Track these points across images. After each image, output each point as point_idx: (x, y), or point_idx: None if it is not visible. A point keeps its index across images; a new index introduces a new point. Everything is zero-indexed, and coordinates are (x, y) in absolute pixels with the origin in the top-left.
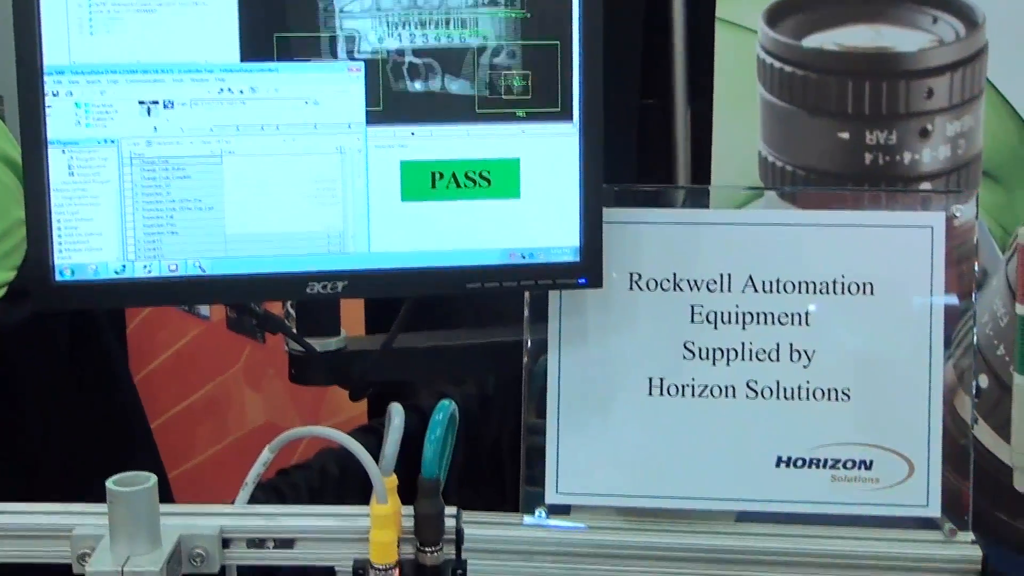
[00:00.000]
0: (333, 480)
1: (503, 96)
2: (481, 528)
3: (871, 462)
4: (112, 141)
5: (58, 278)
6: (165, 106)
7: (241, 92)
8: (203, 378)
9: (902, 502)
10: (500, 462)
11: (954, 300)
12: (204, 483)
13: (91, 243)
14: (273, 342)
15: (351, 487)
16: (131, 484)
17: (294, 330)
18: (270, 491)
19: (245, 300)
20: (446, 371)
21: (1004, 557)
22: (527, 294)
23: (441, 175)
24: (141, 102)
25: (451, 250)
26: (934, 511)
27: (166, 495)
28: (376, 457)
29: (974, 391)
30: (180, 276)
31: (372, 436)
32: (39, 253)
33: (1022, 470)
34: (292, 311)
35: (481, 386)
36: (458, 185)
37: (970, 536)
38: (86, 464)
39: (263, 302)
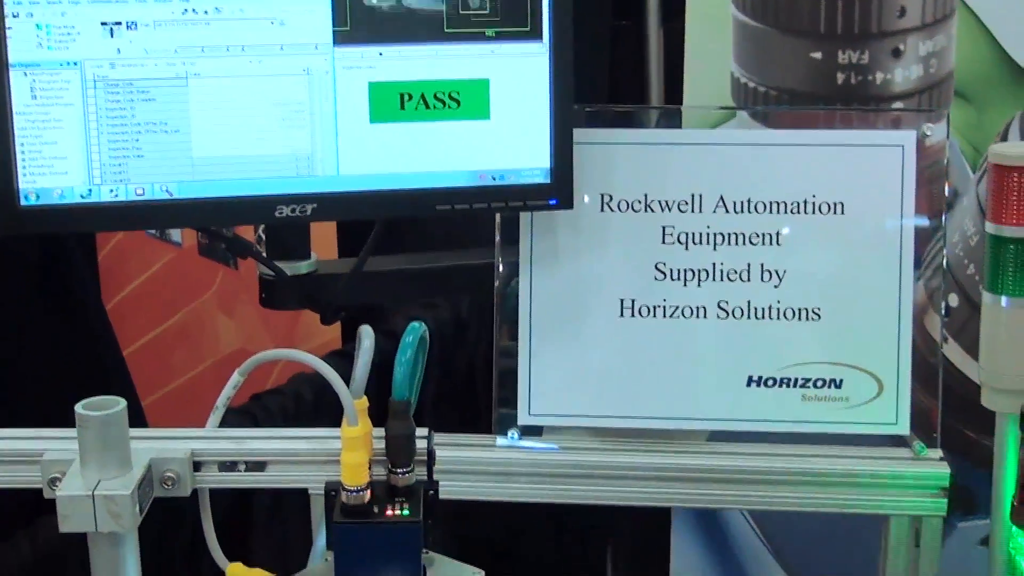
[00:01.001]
0: (307, 405)
1: (472, 15)
2: (453, 450)
3: (841, 381)
4: (75, 63)
5: (23, 203)
6: (128, 27)
7: (206, 12)
8: (176, 305)
9: (872, 420)
10: (473, 385)
11: (924, 220)
12: (178, 409)
13: (56, 167)
14: (246, 268)
15: (325, 412)
16: (100, 408)
17: (264, 254)
18: (243, 416)
19: (213, 224)
20: (417, 294)
21: (972, 473)
22: (498, 216)
23: (410, 96)
24: (104, 23)
25: (421, 172)
26: (903, 429)
27: (139, 422)
28: (348, 380)
29: (944, 310)
30: (147, 200)
31: (345, 360)
32: (3, 178)
33: (990, 387)
34: (263, 235)
35: (454, 310)
36: (427, 106)
37: (938, 453)
38: (58, 393)
39: (232, 226)
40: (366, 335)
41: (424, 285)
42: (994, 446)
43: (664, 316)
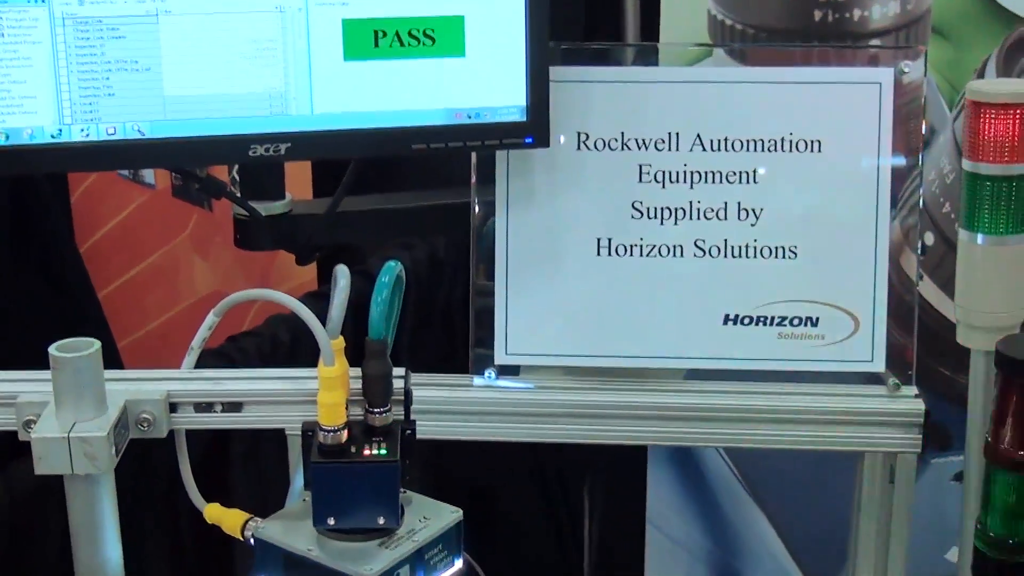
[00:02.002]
0: (283, 347)
1: None
2: (431, 390)
3: (817, 319)
4: (42, 1)
5: None
6: None
7: None
8: (150, 247)
9: (847, 357)
10: (450, 326)
11: (901, 158)
12: (154, 352)
13: (25, 107)
14: (220, 209)
15: (302, 354)
16: (74, 350)
17: (238, 194)
18: (220, 358)
19: (186, 164)
20: (393, 234)
21: (946, 410)
22: (473, 155)
23: (384, 33)
24: None
25: (395, 110)
26: (879, 366)
27: (115, 364)
28: (324, 321)
29: (919, 248)
30: (119, 139)
31: (321, 302)
32: None
33: (966, 324)
34: (237, 176)
35: (430, 250)
36: (401, 44)
37: (914, 390)
38: (31, 336)
39: (205, 166)
40: (342, 275)
41: (400, 225)
42: (969, 383)
43: (641, 255)
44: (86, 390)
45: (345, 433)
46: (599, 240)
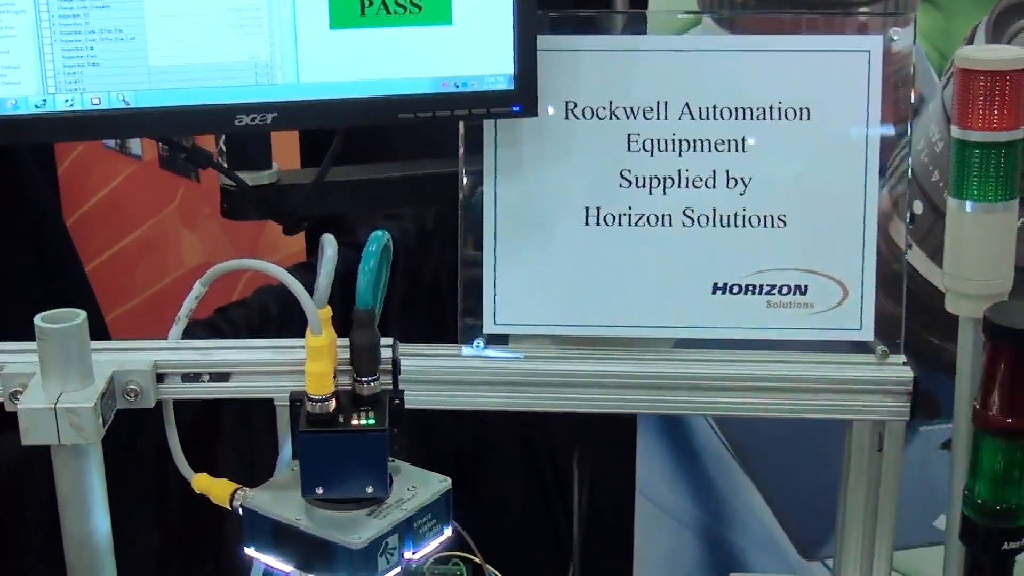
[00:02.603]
0: (272, 319)
1: None
2: (419, 360)
3: (806, 287)
4: None
5: None
6: None
7: None
8: (137, 219)
9: (836, 326)
10: (439, 297)
11: (890, 126)
12: (142, 325)
13: (9, 76)
14: (208, 181)
15: (291, 325)
16: (60, 320)
17: (224, 164)
18: (208, 329)
19: (172, 133)
20: (380, 204)
21: (935, 378)
22: (461, 124)
23: (370, 2)
24: None
25: (382, 79)
26: (867, 334)
27: (103, 338)
28: (312, 292)
29: (908, 217)
30: (104, 109)
31: (309, 273)
32: None
33: (954, 292)
34: (224, 147)
35: (418, 221)
36: (388, 12)
37: (902, 358)
38: (18, 310)
39: (191, 136)
40: (329, 244)
41: (387, 195)
42: (957, 350)
43: (629, 224)
44: (72, 361)
45: (333, 403)
46: (587, 209)
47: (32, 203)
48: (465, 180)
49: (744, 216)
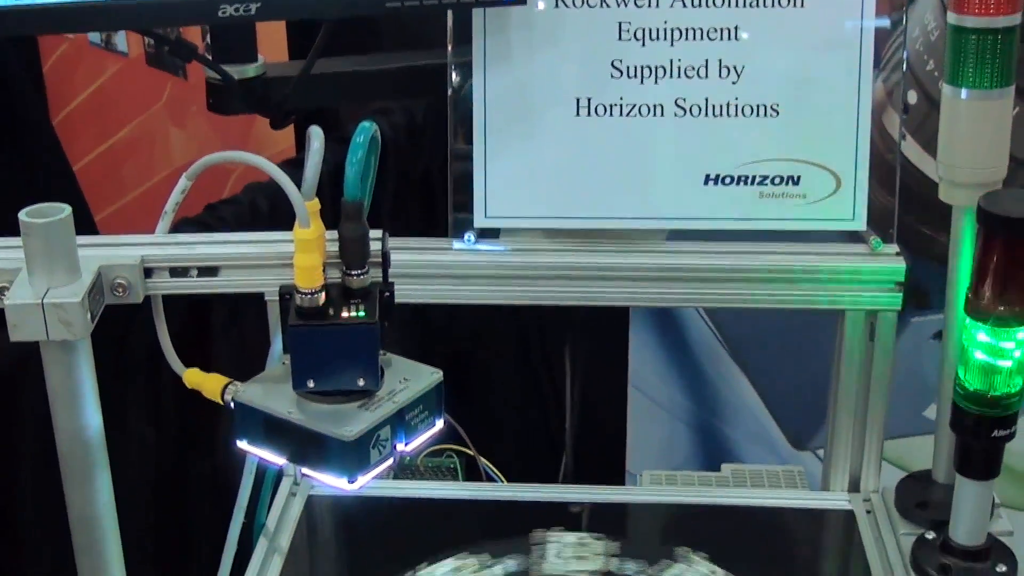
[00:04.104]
0: (262, 215)
1: None
2: (409, 254)
3: (799, 177)
4: None
5: None
6: None
7: None
8: (125, 117)
9: (829, 216)
10: (430, 192)
11: (885, 15)
12: (131, 224)
13: None
14: (195, 77)
15: (281, 221)
16: (44, 215)
17: (209, 56)
18: (198, 225)
19: (154, 25)
20: (369, 96)
21: (927, 269)
22: (450, 13)
23: None
24: None
25: None
26: (860, 225)
27: None
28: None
29: (903, 107)
30: (83, 0)
31: (298, 169)
32: None
33: (948, 181)
34: (210, 42)
35: (408, 117)
36: None
37: (895, 248)
38: (4, 211)
39: (174, 27)
40: (315, 136)
41: (375, 87)
42: (950, 239)
43: (621, 115)
44: (58, 256)
45: (323, 296)
46: (578, 100)
47: (18, 103)
48: (454, 72)
49: (736, 106)
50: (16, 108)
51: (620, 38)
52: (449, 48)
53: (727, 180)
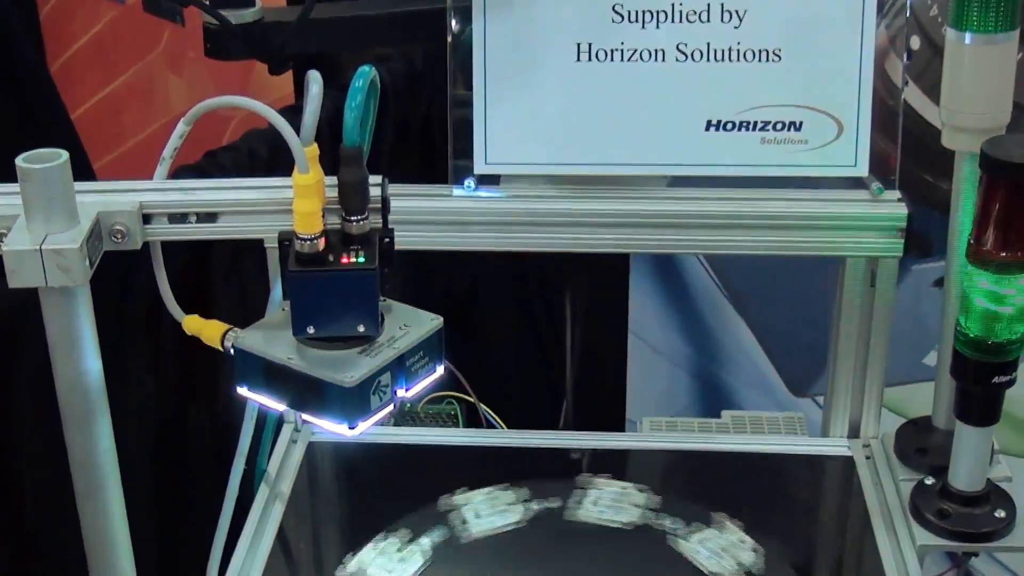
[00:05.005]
0: (261, 162)
1: None
2: (409, 200)
3: (800, 123)
4: None
5: None
6: None
7: None
8: (122, 65)
9: (831, 162)
10: (431, 139)
11: None
12: (130, 172)
13: None
14: (193, 24)
15: (280, 168)
16: (42, 161)
17: (206, 1)
18: (197, 172)
19: None
20: (367, 41)
21: (928, 217)
22: None
23: None
24: None
25: None
26: (862, 170)
27: None
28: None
29: (906, 53)
30: None
31: (297, 116)
32: None
33: (951, 126)
34: None
35: (408, 63)
36: None
37: (896, 194)
38: (4, 159)
39: None
40: (314, 80)
41: (375, 32)
42: (952, 185)
43: (622, 60)
44: (56, 202)
45: (322, 242)
46: (579, 45)
47: (15, 51)
48: (454, 17)
49: (738, 51)
50: (13, 56)
51: None
52: None
53: (728, 126)
